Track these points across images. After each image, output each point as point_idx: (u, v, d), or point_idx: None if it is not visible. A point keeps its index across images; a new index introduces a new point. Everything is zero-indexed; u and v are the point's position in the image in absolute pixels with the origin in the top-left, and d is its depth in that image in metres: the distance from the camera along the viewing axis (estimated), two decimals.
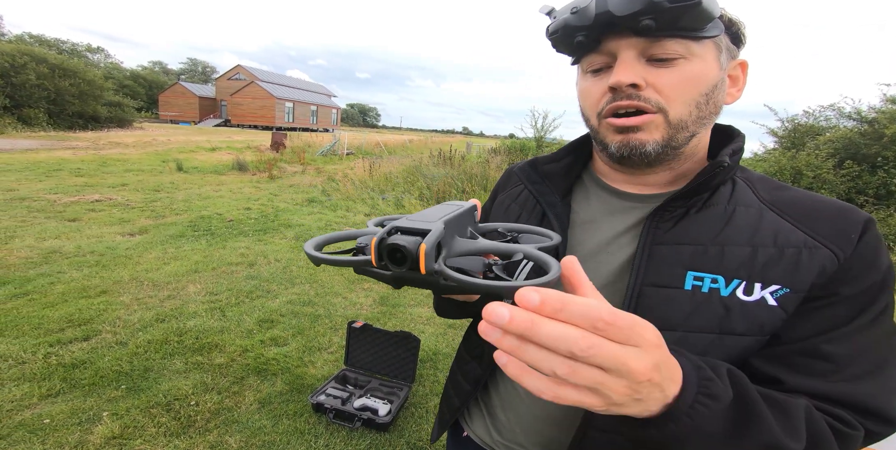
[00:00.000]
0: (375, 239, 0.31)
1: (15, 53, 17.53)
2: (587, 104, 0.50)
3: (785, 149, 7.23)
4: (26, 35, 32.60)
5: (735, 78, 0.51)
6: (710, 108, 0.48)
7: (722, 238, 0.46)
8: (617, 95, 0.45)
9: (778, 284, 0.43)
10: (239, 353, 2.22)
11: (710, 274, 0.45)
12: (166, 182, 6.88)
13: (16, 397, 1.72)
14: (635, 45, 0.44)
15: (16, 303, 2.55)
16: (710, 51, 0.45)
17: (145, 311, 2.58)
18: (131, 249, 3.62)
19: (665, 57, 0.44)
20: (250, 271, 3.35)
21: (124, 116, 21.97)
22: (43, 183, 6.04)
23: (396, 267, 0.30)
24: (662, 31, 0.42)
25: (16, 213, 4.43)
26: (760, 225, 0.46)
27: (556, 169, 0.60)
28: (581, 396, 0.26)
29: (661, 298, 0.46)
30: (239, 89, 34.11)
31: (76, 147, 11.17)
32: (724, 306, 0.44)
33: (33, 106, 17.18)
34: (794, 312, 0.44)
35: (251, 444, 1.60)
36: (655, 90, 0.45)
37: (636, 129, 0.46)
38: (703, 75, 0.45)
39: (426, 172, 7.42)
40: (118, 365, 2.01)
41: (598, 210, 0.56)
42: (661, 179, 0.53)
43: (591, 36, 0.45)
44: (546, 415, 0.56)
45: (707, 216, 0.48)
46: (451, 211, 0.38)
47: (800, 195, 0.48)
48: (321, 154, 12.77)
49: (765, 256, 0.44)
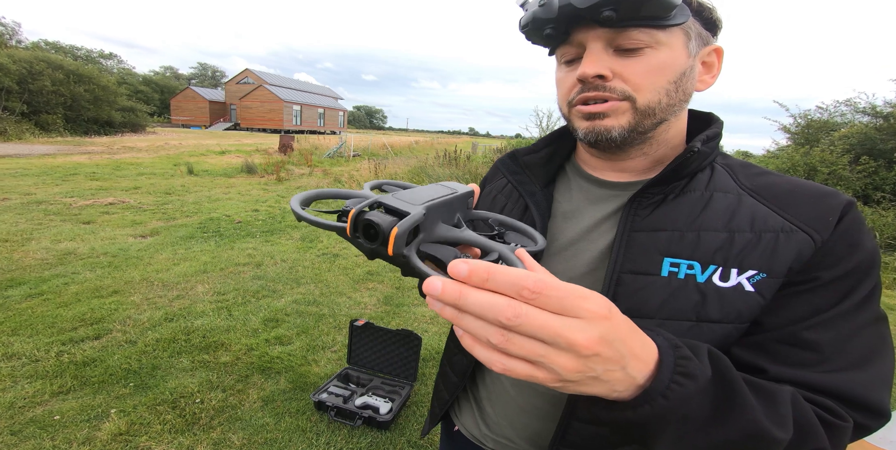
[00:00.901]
0: (354, 211, 0.31)
1: (32, 60, 17.94)
2: (560, 94, 0.51)
3: (798, 145, 7.08)
4: (42, 42, 33.37)
5: (709, 65, 0.50)
6: (680, 96, 0.48)
7: (698, 224, 0.46)
8: (585, 86, 0.46)
9: (754, 269, 0.43)
10: (244, 351, 2.25)
11: (687, 260, 0.45)
12: (177, 185, 7.01)
13: (28, 394, 1.77)
14: (602, 36, 0.44)
15: (31, 303, 2.62)
16: (678, 38, 0.45)
17: (155, 310, 2.64)
18: (143, 251, 3.70)
19: (631, 47, 0.44)
20: (257, 272, 3.40)
21: (138, 120, 22.45)
22: (59, 187, 6.21)
23: (368, 242, 0.31)
24: (625, 22, 0.43)
25: (33, 216, 4.56)
26: (738, 210, 0.46)
27: (536, 159, 0.61)
28: (529, 369, 0.25)
29: (639, 285, 0.46)
30: (247, 93, 34.60)
31: (91, 152, 11.45)
32: (700, 293, 0.44)
33: (50, 112, 17.62)
34: (774, 299, 0.43)
35: (253, 441, 1.63)
36: (622, 80, 0.45)
37: (602, 115, 0.47)
38: (670, 63, 0.45)
39: (431, 172, 7.44)
40: (127, 363, 2.06)
41: (579, 199, 0.56)
42: (638, 165, 0.53)
43: (560, 28, 0.46)
44: (531, 407, 0.56)
45: (684, 202, 0.48)
46: (443, 194, 0.37)
47: (780, 180, 0.48)
48: (328, 156, 12.89)
49: (742, 241, 0.44)
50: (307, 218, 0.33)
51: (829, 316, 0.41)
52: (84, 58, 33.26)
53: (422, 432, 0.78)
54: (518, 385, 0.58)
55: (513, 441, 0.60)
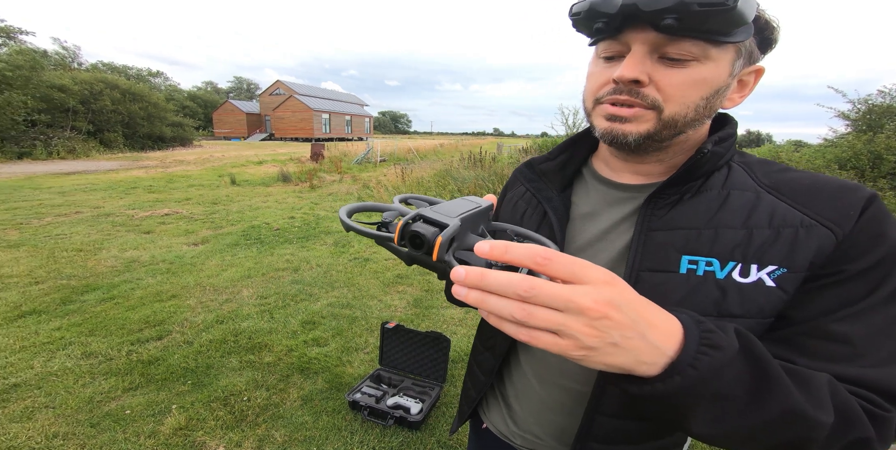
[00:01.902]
0: (401, 222, 0.36)
1: (92, 81, 19.07)
2: (590, 87, 0.50)
3: (859, 132, 6.47)
4: (100, 63, 35.83)
5: (744, 84, 0.49)
6: (706, 112, 0.47)
7: (715, 222, 0.46)
8: (617, 88, 0.46)
9: (774, 264, 0.43)
10: (285, 352, 2.38)
11: (705, 257, 0.45)
12: (222, 195, 7.43)
13: (104, 390, 1.97)
14: (651, 41, 0.43)
15: (104, 306, 2.89)
16: (728, 55, 0.44)
17: (207, 313, 2.84)
18: (195, 258, 3.97)
19: (678, 57, 0.43)
20: (295, 276, 3.57)
21: (185, 135, 23.63)
22: (123, 200, 6.74)
23: (414, 250, 0.35)
24: (684, 32, 0.41)
25: (102, 227, 4.99)
26: (756, 207, 0.46)
27: (551, 167, 0.62)
28: (552, 338, 0.28)
29: (657, 282, 0.47)
30: (280, 104, 35.89)
31: (147, 166, 12.32)
32: (720, 289, 0.44)
33: (111, 130, 18.85)
34: (798, 293, 0.43)
35: (294, 438, 1.73)
36: (657, 88, 0.44)
37: (623, 119, 0.46)
38: (709, 80, 0.44)
39: (456, 175, 7.48)
40: (185, 362, 2.24)
41: (597, 202, 0.57)
42: (654, 169, 0.53)
43: (612, 24, 0.44)
44: (556, 404, 0.58)
45: (701, 201, 0.48)
46: (470, 208, 0.41)
47: (801, 176, 0.47)
48: (356, 162, 13.20)
49: (760, 237, 0.44)
50: (357, 228, 0.38)
51: (859, 308, 0.40)
52: (135, 77, 35.57)
53: (450, 430, 0.81)
54: (544, 382, 0.59)
55: (539, 438, 0.61)
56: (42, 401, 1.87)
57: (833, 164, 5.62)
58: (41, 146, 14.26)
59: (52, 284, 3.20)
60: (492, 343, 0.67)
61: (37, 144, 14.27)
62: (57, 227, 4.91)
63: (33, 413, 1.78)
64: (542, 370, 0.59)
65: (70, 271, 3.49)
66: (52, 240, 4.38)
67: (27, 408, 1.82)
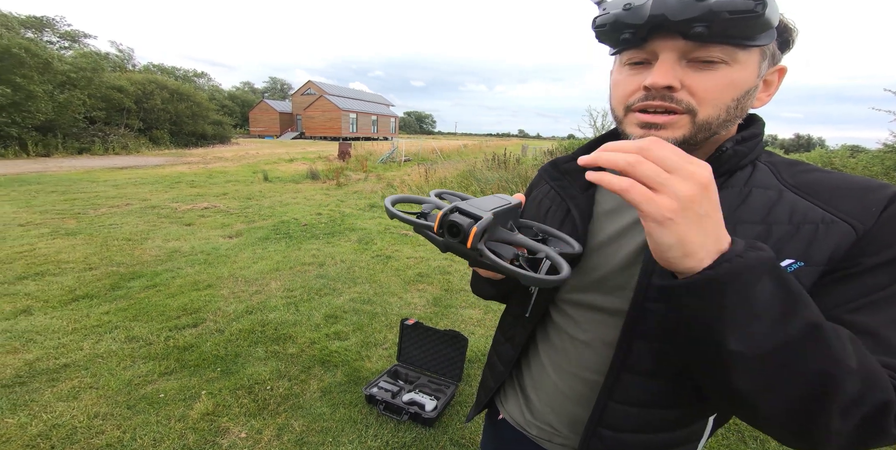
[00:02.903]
0: (441, 213, 0.40)
1: (145, 82, 20.16)
2: (618, 95, 0.50)
3: None
4: (150, 65, 37.81)
5: (769, 83, 0.49)
6: (737, 113, 0.47)
7: (735, 218, 0.46)
8: (649, 95, 0.45)
9: (791, 258, 0.43)
10: (308, 344, 2.43)
11: None
12: (256, 191, 7.69)
13: (142, 374, 2.07)
14: (679, 48, 0.43)
15: (147, 293, 3.04)
16: (754, 57, 0.44)
17: (238, 303, 2.94)
18: (230, 250, 4.12)
19: (707, 60, 0.43)
20: (320, 271, 3.64)
21: (225, 132, 24.61)
22: (168, 193, 7.09)
23: (451, 238, 0.39)
24: (713, 39, 0.42)
25: (149, 218, 5.26)
26: (777, 205, 0.46)
27: (575, 166, 0.62)
28: (649, 193, 0.33)
29: None
30: (310, 103, 36.71)
31: (190, 162, 12.91)
32: None
33: (159, 128, 19.90)
34: (816, 286, 0.43)
35: (311, 429, 1.76)
36: (689, 93, 0.44)
37: (659, 126, 0.46)
38: (739, 82, 0.44)
39: (480, 176, 7.41)
40: (216, 350, 2.32)
41: (619, 199, 0.57)
42: None
43: (640, 34, 0.44)
44: (573, 393, 0.59)
45: (722, 198, 0.47)
46: (501, 205, 0.44)
47: (827, 177, 0.48)
48: (381, 162, 13.34)
49: (779, 232, 0.44)
50: (400, 216, 0.42)
51: (878, 298, 0.40)
52: (182, 77, 37.30)
53: (467, 418, 0.82)
54: (560, 372, 0.60)
55: (554, 428, 0.62)
56: (88, 381, 1.98)
57: (893, 171, 5.21)
58: (99, 142, 15.23)
59: (103, 271, 3.40)
60: (512, 333, 0.68)
61: (95, 140, 15.25)
62: (110, 217, 5.22)
63: (79, 393, 1.89)
64: (560, 360, 0.60)
65: (119, 259, 3.69)
66: (105, 229, 4.66)
67: (74, 388, 1.93)
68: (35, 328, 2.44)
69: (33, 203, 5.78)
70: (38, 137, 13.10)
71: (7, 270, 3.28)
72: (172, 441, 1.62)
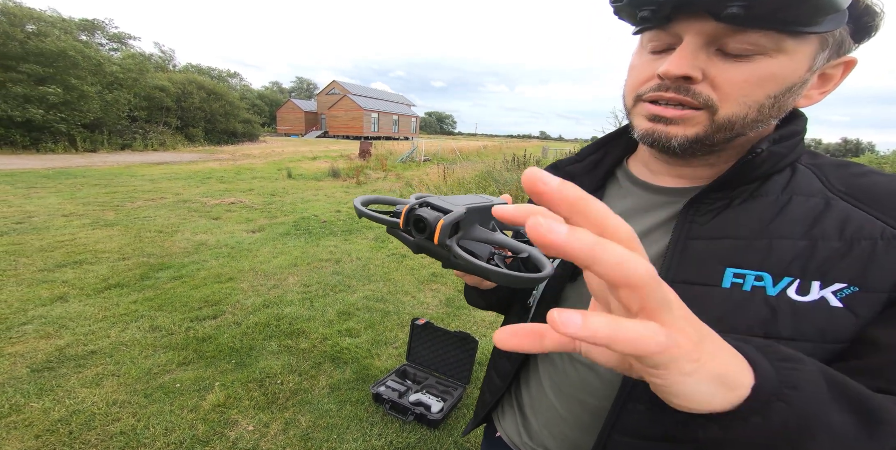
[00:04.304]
0: (407, 207, 0.36)
1: (185, 82, 21.02)
2: (631, 82, 0.43)
3: None
4: (189, 65, 39.32)
5: (828, 78, 0.39)
6: (773, 112, 0.38)
7: (770, 231, 0.38)
8: (663, 85, 0.38)
9: (842, 281, 0.35)
10: (320, 340, 2.43)
11: (754, 271, 0.38)
12: (279, 188, 7.84)
13: (162, 363, 2.11)
14: (707, 32, 0.35)
15: (173, 284, 3.12)
16: (809, 47, 0.35)
17: (256, 297, 2.97)
18: (252, 244, 4.20)
19: (741, 53, 0.34)
20: (336, 268, 3.65)
21: (253, 131, 25.40)
22: (199, 188, 7.32)
23: (417, 234, 0.35)
24: (752, 22, 0.32)
25: (180, 212, 5.44)
26: (824, 215, 0.37)
27: (579, 169, 0.55)
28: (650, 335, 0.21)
29: (693, 295, 0.39)
30: (334, 103, 37.35)
31: (221, 159, 13.33)
32: (770, 307, 0.37)
33: (195, 125, 20.69)
34: (886, 316, 0.34)
35: (317, 425, 1.74)
36: (712, 86, 0.36)
37: (669, 121, 0.38)
38: (781, 76, 0.35)
39: (498, 177, 7.30)
40: (232, 342, 2.35)
41: (630, 206, 0.50)
42: (702, 173, 0.45)
43: (661, 12, 0.36)
44: (572, 418, 0.52)
45: (753, 207, 0.40)
46: (479, 201, 0.40)
47: (885, 180, 0.38)
48: (401, 161, 13.38)
49: (826, 250, 0.36)
50: (367, 213, 0.38)
51: None
52: (217, 77, 38.63)
53: (463, 431, 0.76)
54: (561, 395, 0.54)
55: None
56: (111, 369, 2.03)
57: None
58: (140, 139, 15.95)
59: (135, 261, 3.52)
60: None
61: (136, 137, 15.97)
62: (145, 210, 5.42)
63: (102, 380, 1.95)
64: (561, 381, 0.53)
65: (150, 250, 3.82)
66: (139, 221, 4.84)
67: (98, 374, 1.99)
68: (69, 315, 2.53)
69: (77, 195, 6.08)
70: (86, 134, 13.82)
71: (48, 258, 3.44)
72: (183, 431, 1.64)
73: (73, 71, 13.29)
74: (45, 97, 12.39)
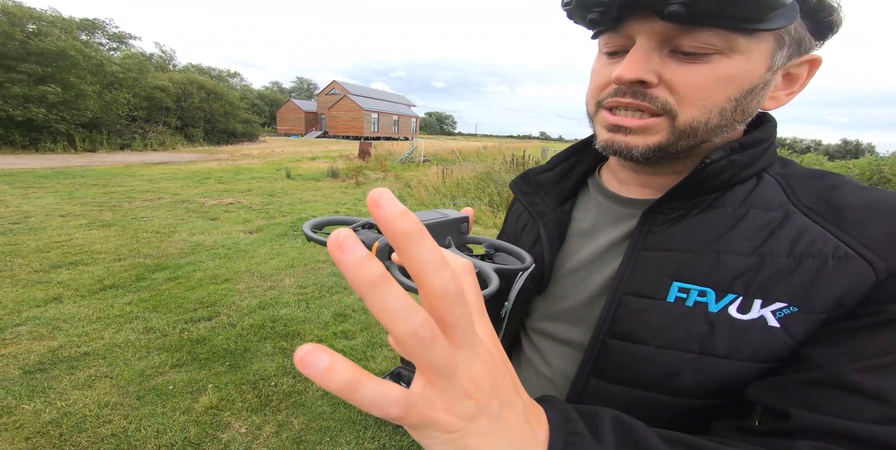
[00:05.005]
0: (347, 229, 0.35)
1: (185, 82, 20.98)
2: (591, 88, 0.42)
3: None
4: (189, 65, 39.27)
5: (793, 78, 0.38)
6: (736, 116, 0.37)
7: (720, 245, 0.37)
8: (619, 90, 0.37)
9: (783, 301, 0.34)
10: (315, 342, 2.42)
11: (698, 286, 0.37)
12: (278, 188, 7.84)
13: (155, 364, 2.11)
14: (658, 32, 0.34)
15: (169, 285, 3.12)
16: (765, 46, 0.34)
17: (252, 298, 2.97)
18: (249, 245, 4.19)
19: (694, 51, 0.34)
20: (333, 269, 3.64)
21: (253, 131, 25.35)
22: (197, 188, 7.32)
23: None
24: (697, 20, 0.32)
25: (178, 212, 5.44)
26: (779, 231, 0.36)
27: (549, 178, 0.54)
28: None
29: (640, 307, 0.40)
30: (334, 103, 37.35)
31: (220, 159, 13.34)
32: (709, 324, 0.36)
33: (195, 125, 20.67)
34: (817, 335, 0.34)
35: (310, 427, 1.74)
36: (669, 89, 0.35)
37: (629, 130, 0.38)
38: (739, 77, 0.34)
39: (497, 178, 7.31)
40: (227, 344, 2.34)
41: (598, 218, 0.49)
42: (669, 182, 0.44)
43: (609, 14, 0.35)
44: None
45: (708, 219, 0.39)
46: (432, 218, 0.40)
47: (856, 196, 0.36)
48: (400, 162, 13.38)
49: (773, 267, 0.35)
50: (313, 238, 0.38)
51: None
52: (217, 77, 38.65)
53: None
54: None
55: None
56: (104, 371, 2.03)
57: None
58: (139, 139, 15.96)
59: (131, 262, 3.52)
60: None
61: (136, 137, 15.98)
62: (142, 210, 5.42)
63: (94, 382, 1.95)
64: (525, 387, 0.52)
65: (147, 251, 3.82)
66: (137, 221, 4.84)
67: (90, 376, 1.99)
68: (63, 316, 2.53)
69: (75, 195, 6.08)
70: (85, 134, 13.83)
71: (44, 259, 3.44)
72: (174, 433, 1.64)
73: (73, 70, 13.31)
74: (45, 97, 12.41)
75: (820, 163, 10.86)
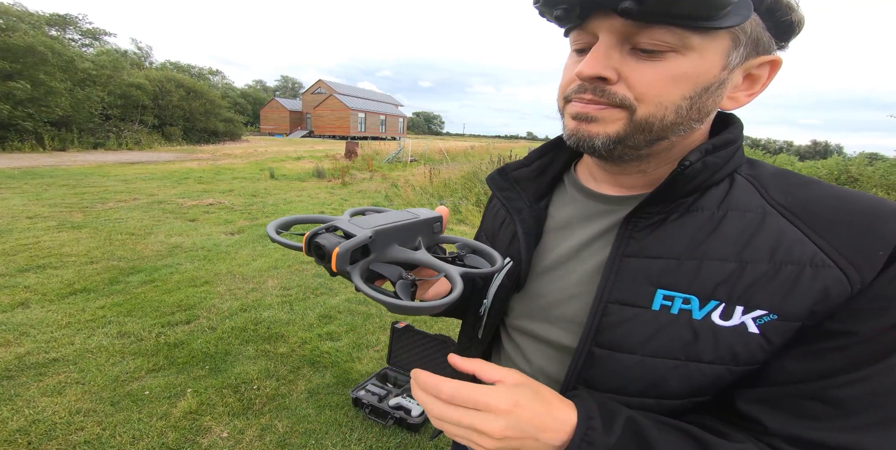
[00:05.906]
0: (308, 233, 0.35)
1: (162, 79, 20.41)
2: (561, 83, 0.43)
3: None
4: (167, 62, 38.29)
5: (754, 79, 0.39)
6: (692, 115, 0.38)
7: (702, 251, 0.38)
8: (582, 86, 0.38)
9: (763, 308, 0.35)
10: (299, 344, 2.40)
11: (682, 293, 0.38)
12: (261, 188, 7.71)
13: (130, 370, 2.04)
14: (618, 30, 0.35)
15: (144, 288, 3.03)
16: (719, 44, 0.35)
17: (234, 300, 2.91)
18: (230, 247, 4.11)
19: (650, 48, 0.35)
20: (318, 270, 3.61)
21: (235, 130, 24.78)
22: (175, 189, 7.13)
23: (319, 261, 0.35)
24: (650, 17, 0.33)
25: (154, 214, 5.29)
26: (758, 234, 0.37)
27: (526, 174, 0.54)
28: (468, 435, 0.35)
29: (625, 317, 0.40)
30: (320, 102, 36.89)
31: (200, 158, 13.02)
32: (693, 331, 0.37)
33: (173, 124, 20.14)
34: (792, 345, 0.35)
35: (295, 430, 1.72)
36: (627, 85, 0.36)
37: (591, 118, 0.39)
38: (692, 75, 0.35)
39: (484, 178, 7.35)
40: (206, 347, 2.29)
41: (573, 214, 0.50)
42: (636, 181, 0.45)
43: (572, 12, 0.37)
44: None
45: (688, 224, 0.40)
46: (401, 219, 0.39)
47: (827, 194, 0.37)
48: (387, 161, 13.33)
49: (754, 273, 0.36)
50: (278, 240, 0.37)
51: (863, 374, 0.32)
52: (197, 75, 37.74)
53: (431, 436, 0.78)
54: None
55: None
56: (74, 377, 1.96)
57: None
58: (113, 138, 15.44)
59: (104, 265, 3.41)
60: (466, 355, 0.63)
61: (110, 135, 15.46)
62: (116, 211, 5.25)
63: (64, 388, 1.88)
64: None
65: (121, 253, 3.70)
66: (110, 223, 4.68)
67: (59, 383, 1.91)
68: (30, 322, 2.44)
69: (43, 196, 5.85)
70: (53, 132, 13.31)
71: (10, 263, 3.30)
72: (151, 439, 1.60)
73: (41, 67, 12.80)
74: (12, 93, 11.90)
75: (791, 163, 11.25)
